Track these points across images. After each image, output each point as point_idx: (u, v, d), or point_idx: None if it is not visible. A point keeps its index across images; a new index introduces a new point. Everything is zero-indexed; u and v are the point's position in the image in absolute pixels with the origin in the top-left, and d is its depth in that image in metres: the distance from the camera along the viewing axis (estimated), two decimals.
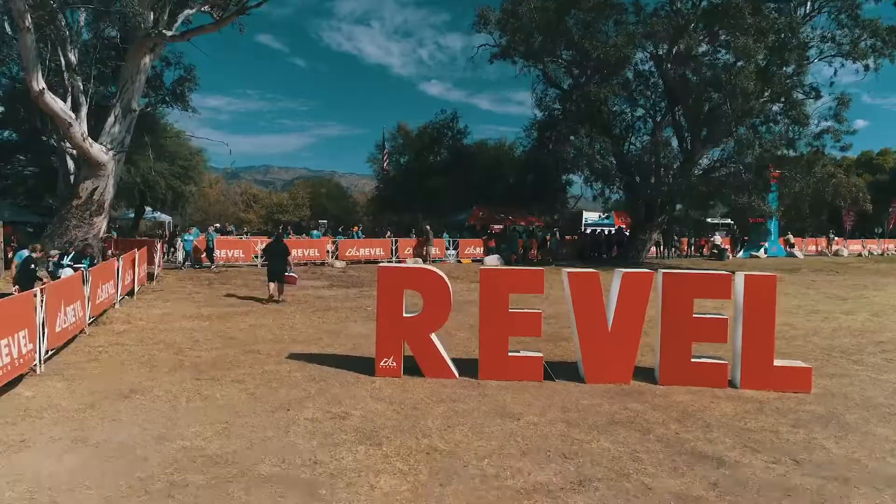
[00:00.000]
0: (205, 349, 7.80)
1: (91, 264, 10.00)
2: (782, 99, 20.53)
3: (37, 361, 6.27)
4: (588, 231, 33.99)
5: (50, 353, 6.83)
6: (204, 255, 18.76)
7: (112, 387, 5.99)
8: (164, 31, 13.94)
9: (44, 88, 12.37)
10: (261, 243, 21.96)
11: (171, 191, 26.16)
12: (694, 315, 6.34)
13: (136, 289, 12.33)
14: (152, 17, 13.92)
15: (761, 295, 6.29)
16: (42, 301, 6.28)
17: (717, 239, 28.56)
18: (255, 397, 5.77)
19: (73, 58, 14.35)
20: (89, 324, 8.72)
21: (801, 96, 21.52)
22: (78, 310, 7.91)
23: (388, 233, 28.67)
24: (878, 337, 9.62)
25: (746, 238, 30.27)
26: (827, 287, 17.15)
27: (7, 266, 14.39)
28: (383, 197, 34.20)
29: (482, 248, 23.70)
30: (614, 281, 6.55)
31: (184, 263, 18.61)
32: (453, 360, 6.84)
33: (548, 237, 27.96)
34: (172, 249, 21.31)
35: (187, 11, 15.17)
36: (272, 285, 12.17)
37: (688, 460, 4.40)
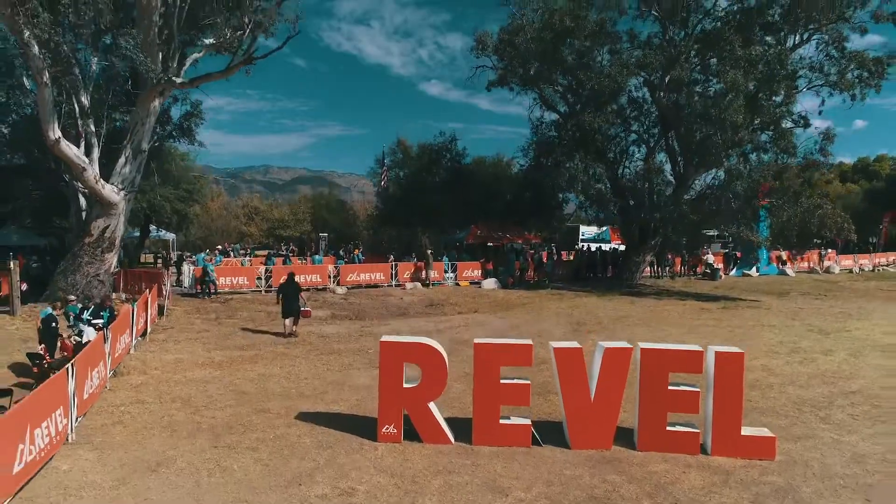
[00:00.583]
0: (219, 407, 8.40)
1: (111, 316, 10.59)
2: (771, 128, 21.18)
3: (69, 430, 6.86)
4: (584, 247, 34.70)
5: (79, 418, 7.42)
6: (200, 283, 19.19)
7: (139, 457, 6.58)
8: (173, 77, 14.61)
9: (59, 138, 12.99)
10: (262, 266, 22.68)
11: (176, 214, 26.87)
12: (669, 388, 6.96)
13: (148, 329, 12.92)
14: (161, 57, 14.51)
15: (730, 370, 6.88)
16: (73, 375, 6.87)
17: (710, 257, 29.14)
18: (269, 469, 6.36)
19: (85, 101, 14.95)
20: (109, 377, 9.31)
21: (790, 124, 22.20)
22: (101, 370, 8.50)
23: (391, 257, 29.48)
24: (850, 385, 10.20)
25: (740, 255, 30.86)
26: (812, 317, 17.72)
27: (24, 301, 14.97)
28: (383, 214, 34.92)
29: (480, 271, 24.32)
30: (596, 355, 7.16)
31: (203, 292, 19.04)
32: (448, 419, 7.45)
33: (544, 253, 28.65)
34: (179, 274, 21.96)
35: (195, 55, 15.84)
36: (287, 322, 13.13)
37: None
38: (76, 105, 14.55)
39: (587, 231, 39.72)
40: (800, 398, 9.33)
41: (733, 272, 29.68)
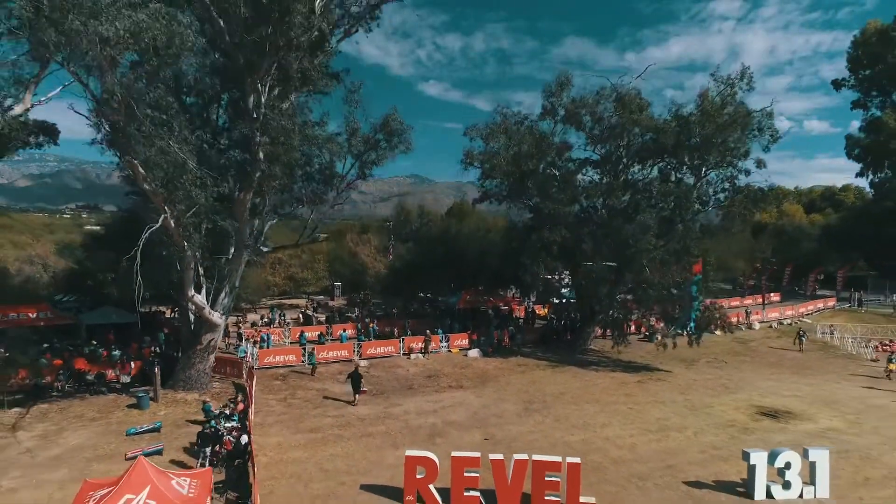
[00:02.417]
0: (318, 481, 15.72)
1: (241, 419, 17.89)
2: (679, 245, 28.75)
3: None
4: (558, 301, 42.18)
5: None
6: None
7: None
8: (261, 247, 22.11)
9: (193, 294, 20.46)
10: (296, 336, 30.17)
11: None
12: (546, 478, 14.38)
13: (252, 416, 20.23)
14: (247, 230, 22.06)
15: (573, 471, 14.29)
16: (254, 473, 14.23)
17: (651, 319, 36.52)
18: None
19: (199, 256, 22.33)
20: None
21: (695, 238, 29.78)
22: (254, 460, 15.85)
23: (395, 312, 37.19)
24: (674, 459, 17.47)
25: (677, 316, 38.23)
26: (698, 391, 25.06)
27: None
28: (390, 282, 42.91)
29: (467, 341, 31.87)
30: (511, 462, 14.55)
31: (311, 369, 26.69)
32: (439, 489, 14.77)
33: (521, 309, 36.11)
34: (239, 344, 29.44)
35: (272, 221, 23.50)
36: (357, 396, 21.42)
37: None
38: (197, 263, 21.94)
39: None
40: (636, 472, 16.59)
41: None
